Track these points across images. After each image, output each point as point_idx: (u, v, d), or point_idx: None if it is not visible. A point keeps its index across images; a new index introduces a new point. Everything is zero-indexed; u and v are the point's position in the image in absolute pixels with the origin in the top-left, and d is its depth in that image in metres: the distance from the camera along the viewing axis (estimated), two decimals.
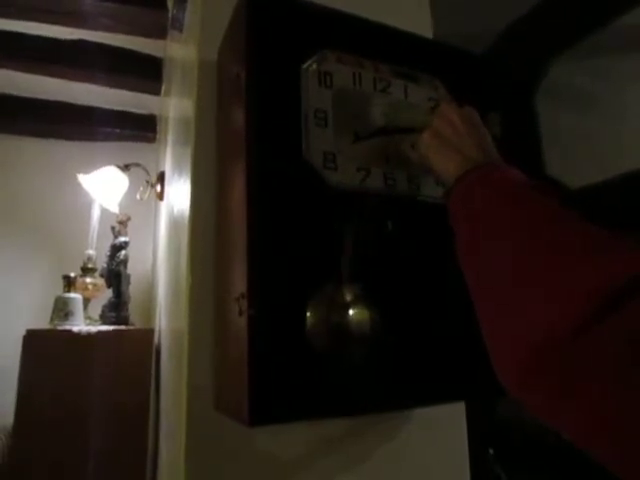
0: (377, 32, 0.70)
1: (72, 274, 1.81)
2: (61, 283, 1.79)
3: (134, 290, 2.05)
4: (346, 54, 0.66)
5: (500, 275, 0.41)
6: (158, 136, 2.60)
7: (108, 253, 1.99)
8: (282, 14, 0.63)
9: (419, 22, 0.95)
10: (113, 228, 2.05)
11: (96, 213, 2.02)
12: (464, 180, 0.50)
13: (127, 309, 1.92)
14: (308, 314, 0.55)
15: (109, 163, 1.99)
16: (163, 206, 1.71)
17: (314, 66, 0.63)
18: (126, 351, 1.64)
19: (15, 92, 2.46)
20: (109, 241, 2.02)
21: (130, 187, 2.01)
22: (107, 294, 1.94)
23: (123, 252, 1.98)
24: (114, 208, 2.00)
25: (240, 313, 0.54)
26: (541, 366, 0.34)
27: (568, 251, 0.36)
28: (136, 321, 2.03)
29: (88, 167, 2.01)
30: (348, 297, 0.57)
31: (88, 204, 2.05)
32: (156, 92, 2.33)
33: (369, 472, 0.73)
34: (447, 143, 0.55)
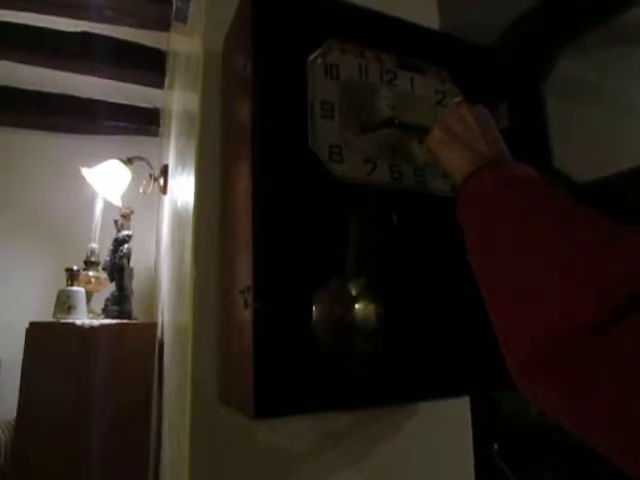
0: (384, 23, 0.69)
1: (75, 267, 1.81)
2: (64, 276, 1.79)
3: (137, 284, 2.05)
4: (352, 45, 0.65)
5: (513, 271, 0.40)
6: (161, 129, 2.60)
7: (111, 247, 2.00)
8: (288, 4, 0.62)
9: (425, 13, 0.94)
10: (116, 222, 2.05)
11: (99, 206, 2.02)
12: (475, 177, 0.50)
13: (130, 303, 1.93)
14: (313, 307, 0.55)
15: (112, 156, 1.99)
16: (166, 199, 1.71)
17: (320, 57, 0.62)
18: (129, 345, 1.65)
19: (19, 85, 2.46)
20: (112, 235, 2.03)
21: (133, 181, 2.01)
22: (110, 288, 1.95)
23: (126, 246, 1.98)
24: (117, 202, 2.00)
25: (245, 306, 0.53)
26: (553, 360, 0.34)
27: (583, 246, 0.36)
28: (139, 315, 2.03)
29: (91, 160, 2.00)
30: (353, 291, 0.57)
31: (91, 197, 2.05)
32: (159, 85, 2.32)
33: (373, 466, 0.73)
34: (458, 139, 0.54)
